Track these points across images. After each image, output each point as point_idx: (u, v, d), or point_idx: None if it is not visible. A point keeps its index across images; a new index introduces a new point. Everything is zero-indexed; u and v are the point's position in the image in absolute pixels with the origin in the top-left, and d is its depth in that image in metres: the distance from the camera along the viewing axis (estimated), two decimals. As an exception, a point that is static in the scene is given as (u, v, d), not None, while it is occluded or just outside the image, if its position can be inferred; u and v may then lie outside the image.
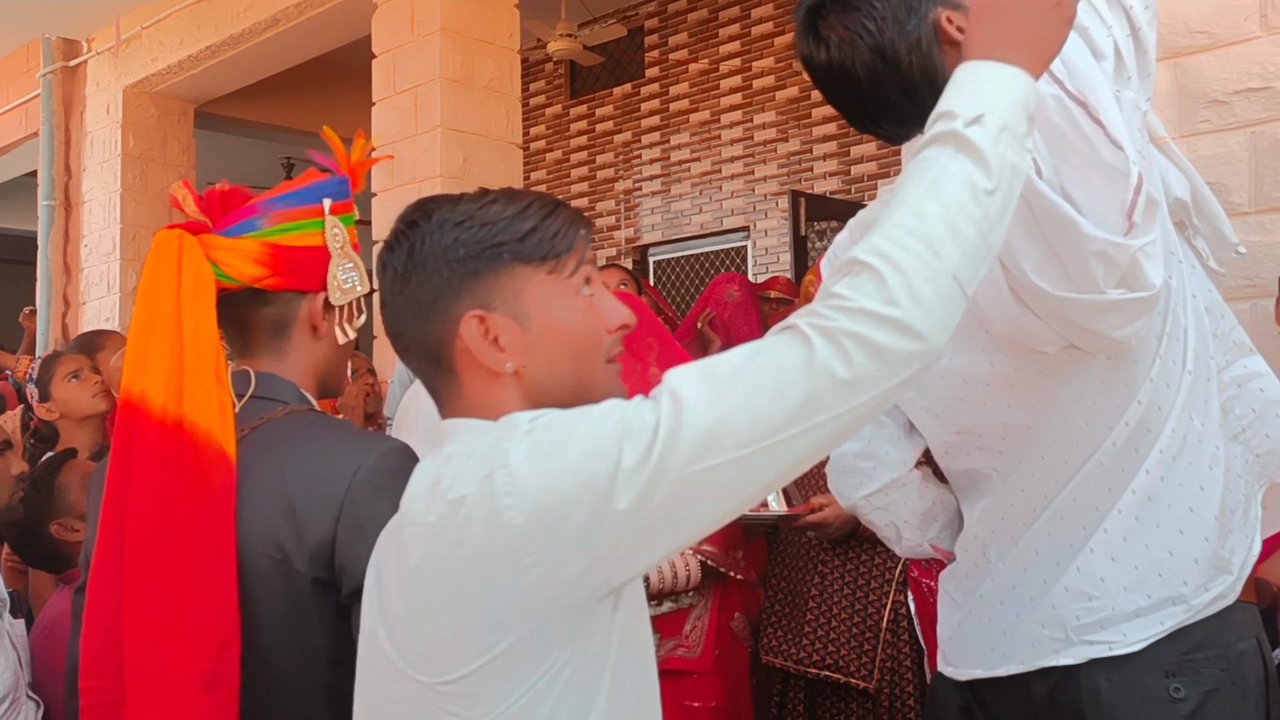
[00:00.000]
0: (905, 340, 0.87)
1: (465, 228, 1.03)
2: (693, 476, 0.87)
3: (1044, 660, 1.30)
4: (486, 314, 1.02)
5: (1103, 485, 1.29)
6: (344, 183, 1.54)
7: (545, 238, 1.04)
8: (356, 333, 1.58)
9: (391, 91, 4.99)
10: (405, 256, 1.05)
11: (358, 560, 1.31)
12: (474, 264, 1.02)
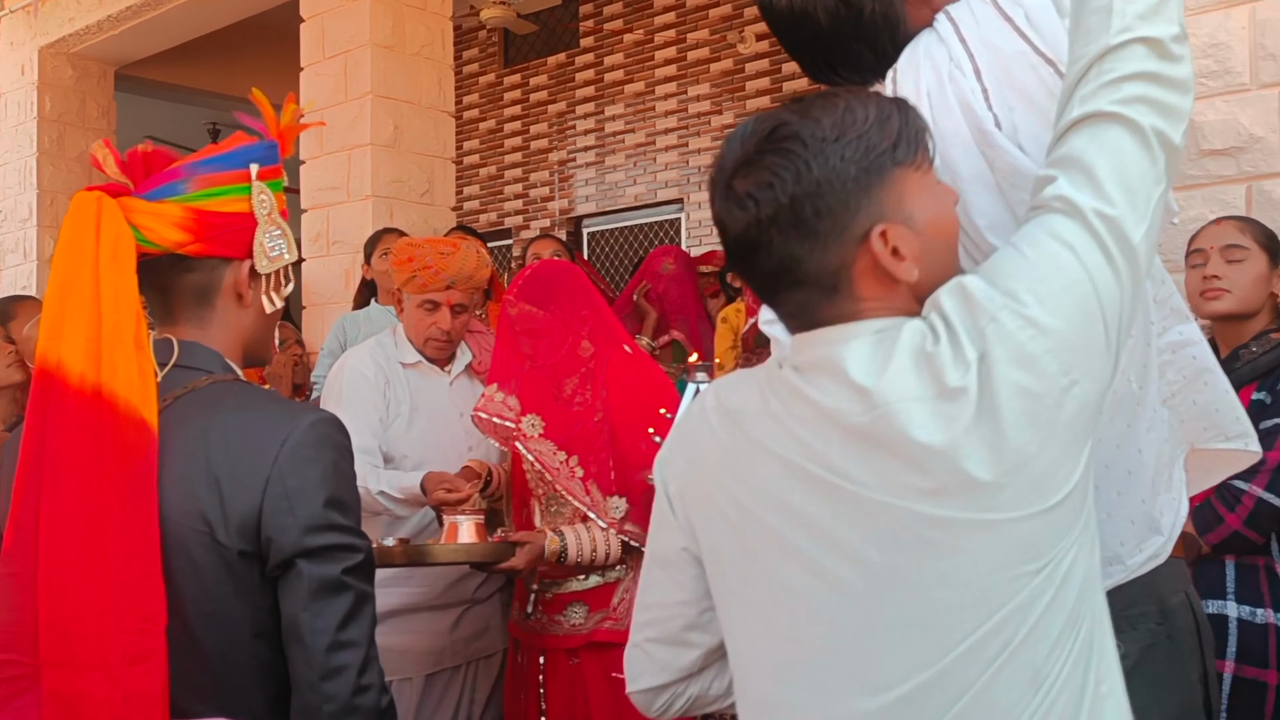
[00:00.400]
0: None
1: (847, 144, 0.99)
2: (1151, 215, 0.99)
3: None
4: (887, 226, 0.99)
5: None
6: (272, 148, 1.51)
7: (910, 135, 1.02)
8: (284, 301, 1.56)
9: (320, 56, 4.90)
10: (791, 187, 0.99)
11: (284, 532, 1.31)
12: (866, 179, 0.99)
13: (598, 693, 2.35)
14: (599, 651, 2.37)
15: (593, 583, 2.40)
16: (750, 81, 6.02)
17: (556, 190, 6.92)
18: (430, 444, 2.76)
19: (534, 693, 2.44)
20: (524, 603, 2.47)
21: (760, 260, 1.04)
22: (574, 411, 2.38)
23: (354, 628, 1.32)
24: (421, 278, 2.64)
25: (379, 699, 1.33)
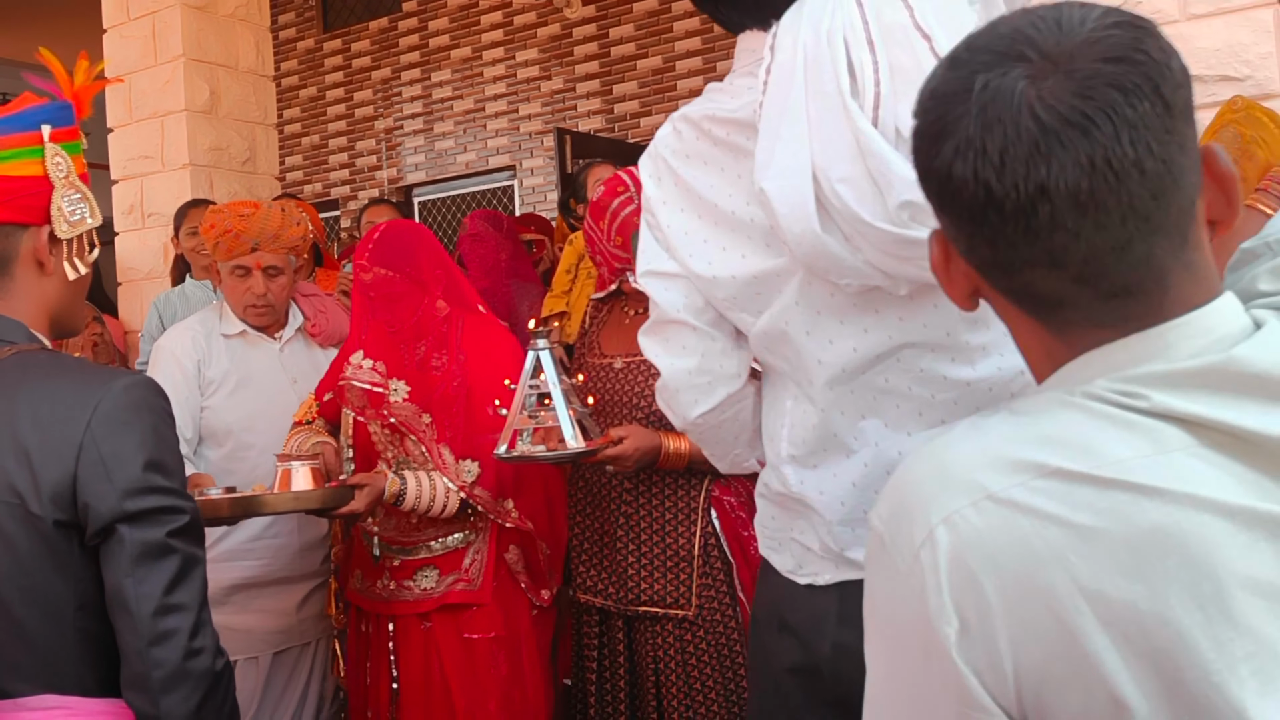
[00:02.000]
0: None
1: (1176, 54, 0.76)
2: None
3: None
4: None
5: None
6: (66, 109, 1.45)
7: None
8: (89, 268, 1.49)
9: (125, 18, 4.65)
10: (1158, 103, 0.73)
11: (102, 498, 1.26)
12: (1189, 93, 0.76)
13: (451, 653, 2.35)
14: (451, 613, 2.37)
15: (442, 548, 2.39)
16: (578, 46, 6.01)
17: (384, 159, 6.77)
18: (258, 414, 2.69)
19: (384, 660, 2.42)
20: (375, 574, 2.44)
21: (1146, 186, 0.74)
22: (433, 376, 2.36)
23: (182, 590, 1.28)
24: (225, 243, 2.57)
25: (213, 662, 1.30)
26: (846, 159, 1.13)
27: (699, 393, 1.42)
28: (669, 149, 1.40)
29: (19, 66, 5.95)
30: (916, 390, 1.29)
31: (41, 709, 1.28)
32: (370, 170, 6.82)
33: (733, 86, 1.35)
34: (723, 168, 1.33)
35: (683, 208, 1.37)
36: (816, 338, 1.31)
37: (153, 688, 1.25)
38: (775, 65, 1.19)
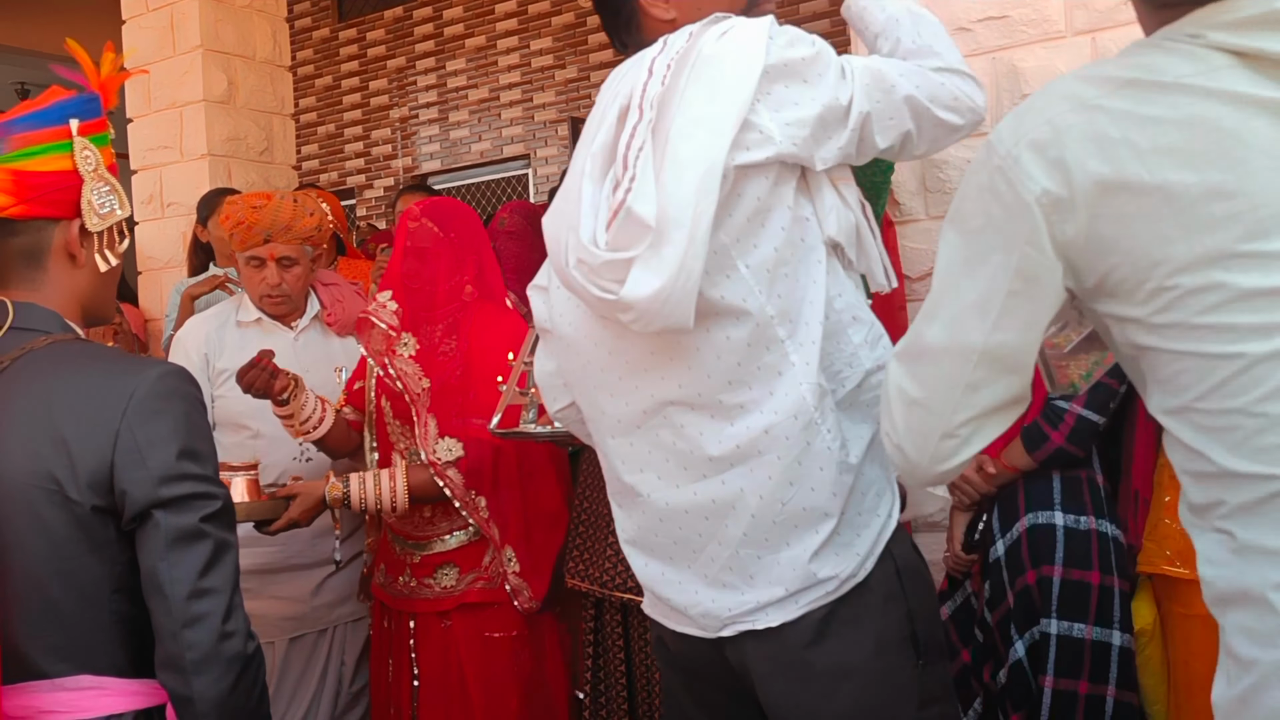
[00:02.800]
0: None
1: None
2: None
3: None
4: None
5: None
6: (93, 100, 1.46)
7: None
8: (120, 259, 1.52)
9: (143, 9, 4.67)
10: None
11: (138, 484, 1.29)
12: None
13: (471, 651, 2.35)
14: (471, 612, 2.37)
15: (456, 542, 2.39)
16: (592, 35, 6.01)
17: (399, 148, 6.79)
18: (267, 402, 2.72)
19: (405, 657, 2.43)
20: (396, 570, 2.45)
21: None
22: (440, 360, 2.35)
23: (215, 575, 1.31)
24: (239, 234, 2.59)
25: (244, 645, 1.33)
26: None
27: (556, 392, 1.66)
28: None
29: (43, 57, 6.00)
30: (680, 445, 1.42)
31: (78, 689, 1.32)
32: (385, 159, 6.84)
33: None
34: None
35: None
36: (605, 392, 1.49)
37: (186, 669, 1.29)
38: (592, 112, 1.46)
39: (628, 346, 1.41)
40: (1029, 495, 2.18)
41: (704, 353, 1.36)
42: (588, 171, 1.36)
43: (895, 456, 1.21)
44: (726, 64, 1.30)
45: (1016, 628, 2.13)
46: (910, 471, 1.21)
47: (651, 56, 1.38)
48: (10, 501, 1.28)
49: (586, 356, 1.48)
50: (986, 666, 2.23)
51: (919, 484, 1.28)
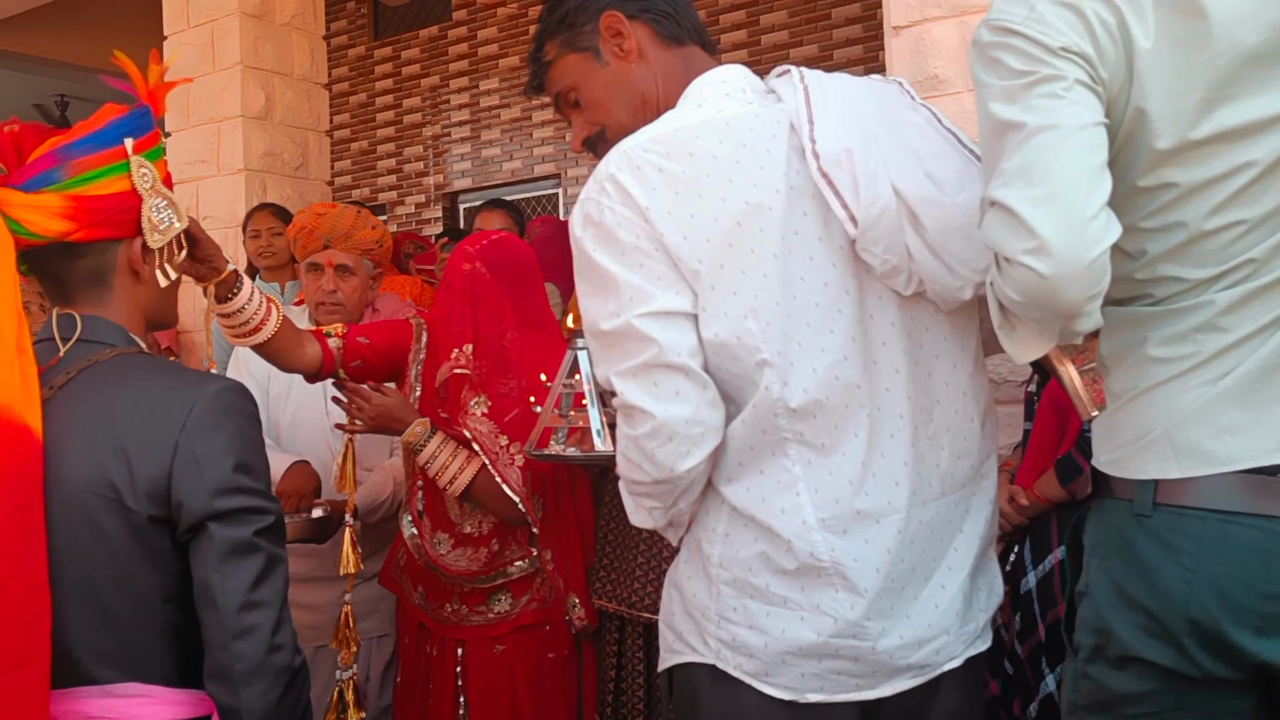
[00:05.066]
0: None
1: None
2: None
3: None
4: None
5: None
6: (145, 115, 1.48)
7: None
8: (180, 272, 1.55)
9: (185, 25, 4.75)
10: None
11: (194, 496, 1.32)
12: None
13: (526, 675, 2.32)
14: (527, 633, 2.34)
15: (519, 572, 2.35)
16: (625, 57, 6.06)
17: (431, 165, 6.85)
18: (302, 417, 2.75)
19: (449, 684, 2.38)
20: (442, 597, 2.40)
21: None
22: (501, 399, 2.30)
23: (265, 588, 1.33)
24: (301, 240, 2.63)
25: (291, 658, 1.35)
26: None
27: (691, 444, 1.33)
28: (648, 159, 1.36)
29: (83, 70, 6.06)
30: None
31: (126, 695, 1.34)
32: (417, 176, 6.90)
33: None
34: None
35: (693, 212, 1.33)
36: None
37: (235, 680, 1.30)
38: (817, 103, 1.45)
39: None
40: (1062, 527, 2.17)
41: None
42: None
43: (1038, 265, 1.15)
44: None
45: (1048, 661, 2.12)
46: (1061, 272, 1.14)
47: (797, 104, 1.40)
48: (71, 508, 1.30)
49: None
50: (1017, 700, 2.22)
51: (1071, 288, 1.16)
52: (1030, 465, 2.26)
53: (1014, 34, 1.21)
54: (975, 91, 1.29)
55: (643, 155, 1.34)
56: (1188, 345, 1.25)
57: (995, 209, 1.20)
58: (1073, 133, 1.17)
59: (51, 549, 1.29)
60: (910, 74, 2.82)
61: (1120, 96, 1.22)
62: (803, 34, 5.53)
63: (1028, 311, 1.21)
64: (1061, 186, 1.15)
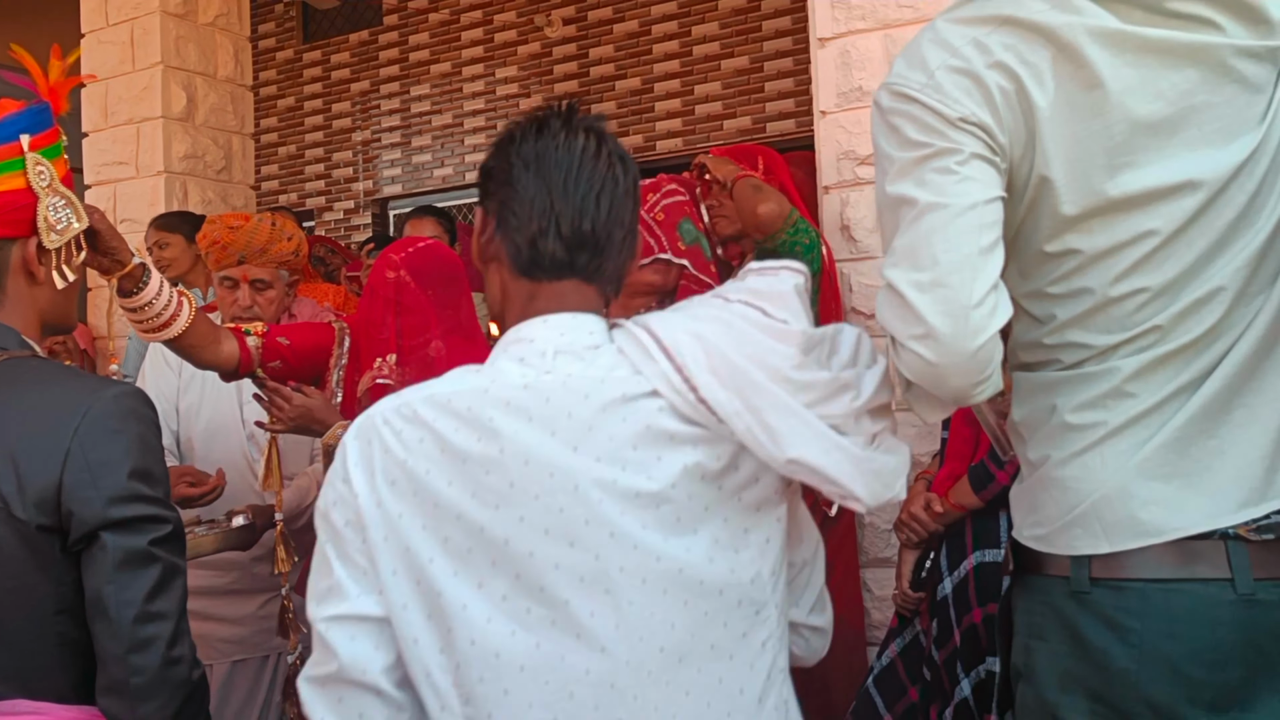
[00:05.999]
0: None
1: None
2: None
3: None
4: None
5: None
6: (42, 112, 1.43)
7: None
8: (78, 274, 1.50)
9: (104, 23, 4.63)
10: None
11: (87, 504, 1.27)
12: None
13: None
14: None
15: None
16: (558, 65, 6.05)
17: (361, 171, 6.77)
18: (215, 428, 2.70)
19: None
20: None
21: None
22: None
23: (163, 599, 1.29)
24: (214, 253, 2.56)
25: (190, 672, 1.31)
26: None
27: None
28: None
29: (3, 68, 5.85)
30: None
31: (14, 714, 1.28)
32: (346, 181, 6.82)
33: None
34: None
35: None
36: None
37: (130, 694, 1.26)
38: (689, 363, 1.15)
39: None
40: (976, 534, 2.21)
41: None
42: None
43: (924, 352, 1.16)
44: None
45: (963, 666, 2.15)
46: (946, 361, 1.15)
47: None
48: None
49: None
50: (934, 706, 2.25)
51: (956, 375, 1.17)
52: (947, 473, 2.30)
53: (912, 101, 1.20)
54: (874, 157, 1.28)
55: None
56: (1099, 412, 1.25)
57: (887, 289, 1.20)
58: (961, 213, 1.16)
59: None
60: (835, 86, 2.85)
61: (1023, 163, 1.22)
62: (734, 45, 5.56)
63: (921, 389, 1.22)
64: (946, 272, 1.15)
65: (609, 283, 1.17)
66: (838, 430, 1.07)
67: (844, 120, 2.84)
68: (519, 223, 1.14)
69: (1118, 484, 1.23)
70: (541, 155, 1.14)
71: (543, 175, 1.13)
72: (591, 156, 1.14)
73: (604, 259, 1.15)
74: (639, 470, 1.05)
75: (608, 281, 1.17)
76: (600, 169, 1.14)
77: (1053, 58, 1.20)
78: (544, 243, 1.13)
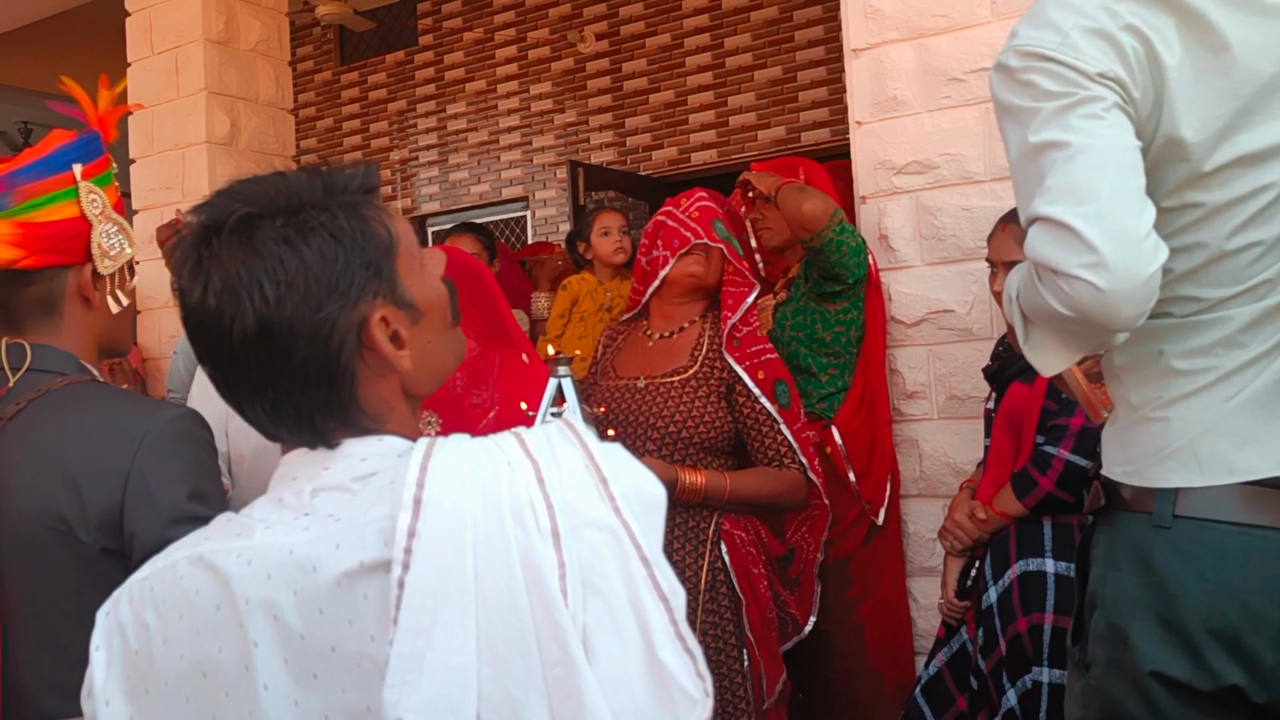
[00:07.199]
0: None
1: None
2: None
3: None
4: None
5: None
6: (94, 140, 1.47)
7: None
8: (131, 298, 1.53)
9: (149, 52, 4.72)
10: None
11: (147, 527, 1.30)
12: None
13: None
14: None
15: None
16: (591, 80, 6.09)
17: (399, 189, 6.84)
18: (266, 449, 2.72)
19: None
20: None
21: None
22: (472, 411, 2.30)
23: None
24: None
25: None
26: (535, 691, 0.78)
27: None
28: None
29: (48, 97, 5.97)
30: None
31: (81, 732, 1.32)
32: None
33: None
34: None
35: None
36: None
37: None
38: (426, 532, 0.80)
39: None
40: (1021, 542, 2.19)
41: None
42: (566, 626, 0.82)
43: (1095, 279, 1.17)
44: None
45: (1009, 676, 2.13)
46: (1118, 287, 1.16)
47: None
48: (21, 542, 1.28)
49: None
50: (982, 714, 2.23)
51: (1127, 303, 1.17)
52: (989, 480, 2.29)
53: (1047, 59, 1.24)
54: (998, 116, 1.32)
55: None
56: (1210, 359, 1.30)
57: (1044, 224, 1.21)
58: (1115, 153, 1.21)
59: (2, 582, 1.27)
60: (870, 96, 2.86)
61: (1149, 121, 1.26)
62: (766, 56, 5.57)
63: (1071, 325, 1.24)
64: (1111, 205, 1.18)
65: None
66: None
67: (879, 130, 2.84)
68: None
69: (1219, 423, 1.29)
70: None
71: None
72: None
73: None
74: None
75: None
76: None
77: (1177, 24, 1.25)
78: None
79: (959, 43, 2.72)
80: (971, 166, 2.71)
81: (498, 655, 0.77)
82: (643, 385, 2.40)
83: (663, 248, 2.45)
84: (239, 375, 0.89)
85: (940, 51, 2.74)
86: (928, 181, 2.78)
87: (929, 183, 2.78)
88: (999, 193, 2.68)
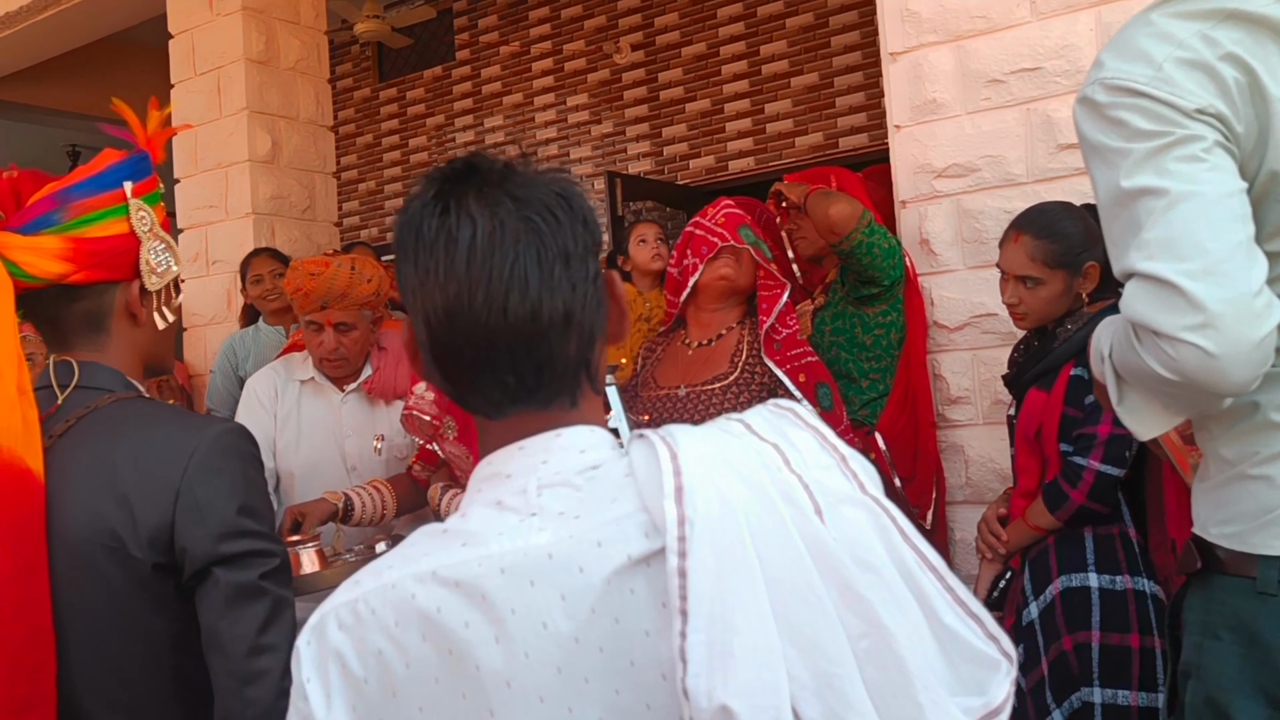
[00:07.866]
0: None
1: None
2: None
3: None
4: None
5: None
6: (143, 159, 1.48)
7: None
8: (177, 314, 1.55)
9: (191, 73, 4.80)
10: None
11: (198, 541, 1.31)
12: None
13: None
14: None
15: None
16: (628, 90, 6.11)
17: (438, 203, 6.89)
18: (316, 463, 2.75)
19: None
20: None
21: None
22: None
23: (274, 632, 1.32)
24: (298, 300, 2.62)
25: None
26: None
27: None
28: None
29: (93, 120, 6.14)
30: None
31: (135, 750, 1.33)
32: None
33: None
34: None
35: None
36: None
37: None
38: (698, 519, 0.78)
39: None
40: (1061, 556, 2.13)
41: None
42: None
43: (1203, 343, 1.08)
44: None
45: (1054, 695, 2.06)
46: (1228, 351, 1.08)
47: None
48: (73, 559, 1.30)
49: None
50: (1023, 727, 2.19)
51: (1238, 368, 1.08)
52: (1020, 491, 2.24)
53: (1139, 95, 1.14)
54: (1085, 156, 1.23)
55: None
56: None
57: (1144, 281, 1.12)
58: (1219, 200, 1.10)
59: (56, 596, 1.29)
60: (908, 100, 2.84)
61: (1253, 157, 1.16)
62: (802, 63, 5.56)
63: (1175, 389, 1.14)
64: (1218, 260, 1.08)
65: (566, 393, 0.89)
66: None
67: (918, 134, 2.82)
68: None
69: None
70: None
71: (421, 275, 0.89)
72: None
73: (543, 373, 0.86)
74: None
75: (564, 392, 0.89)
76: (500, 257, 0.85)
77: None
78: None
79: (998, 44, 2.69)
80: (1013, 168, 2.68)
81: (802, 635, 0.75)
82: (684, 394, 2.40)
83: (692, 255, 2.48)
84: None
85: (979, 53, 2.72)
86: (969, 184, 2.75)
87: (970, 185, 2.75)
88: (1041, 194, 2.65)
